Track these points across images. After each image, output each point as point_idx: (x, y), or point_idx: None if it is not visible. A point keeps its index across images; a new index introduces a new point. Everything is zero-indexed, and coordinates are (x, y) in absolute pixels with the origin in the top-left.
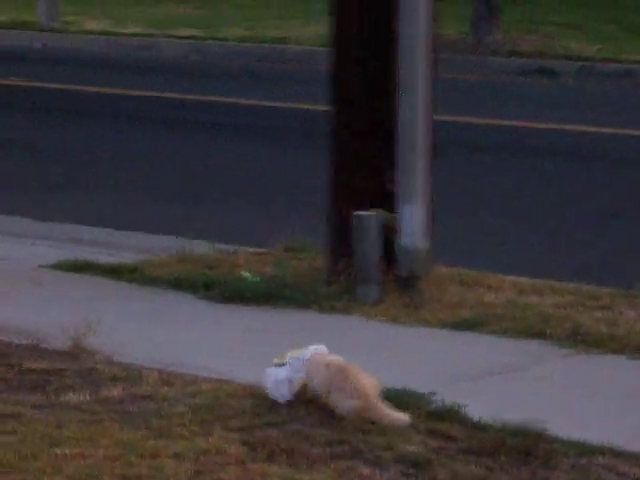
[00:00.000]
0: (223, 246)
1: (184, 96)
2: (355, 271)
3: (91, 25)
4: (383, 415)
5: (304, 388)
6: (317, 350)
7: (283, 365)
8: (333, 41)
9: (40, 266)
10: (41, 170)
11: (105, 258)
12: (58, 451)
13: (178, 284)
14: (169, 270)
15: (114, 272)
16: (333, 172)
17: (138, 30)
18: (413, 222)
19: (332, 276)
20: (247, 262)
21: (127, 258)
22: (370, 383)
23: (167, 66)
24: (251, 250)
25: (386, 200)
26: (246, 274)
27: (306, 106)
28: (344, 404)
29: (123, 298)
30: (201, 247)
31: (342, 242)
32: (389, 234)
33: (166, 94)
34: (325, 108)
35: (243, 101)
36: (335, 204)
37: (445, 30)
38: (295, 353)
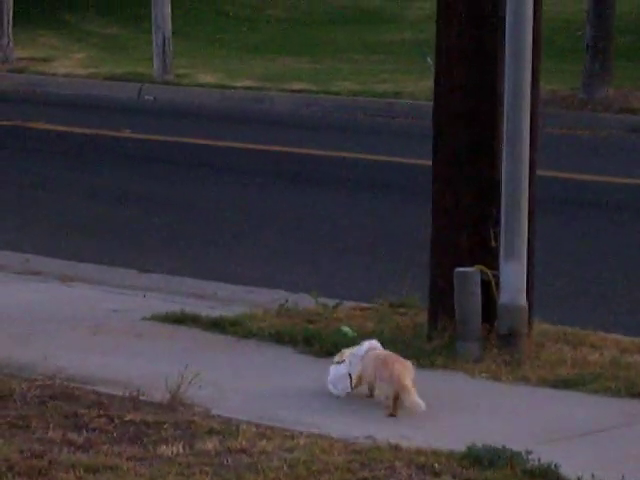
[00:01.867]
0: (326, 300)
1: (293, 149)
2: (456, 327)
3: (204, 78)
4: (408, 396)
5: (359, 380)
6: (371, 345)
7: (342, 362)
8: (437, 95)
9: (144, 318)
10: (153, 222)
11: (208, 311)
12: None
13: (278, 338)
14: (270, 323)
15: (216, 325)
16: (434, 229)
17: (251, 83)
18: (514, 279)
19: (433, 332)
20: (349, 316)
21: (231, 311)
22: (404, 370)
23: (278, 119)
24: (353, 304)
25: (488, 257)
26: (346, 329)
27: (415, 161)
28: (382, 390)
29: (223, 351)
30: (304, 300)
31: (444, 298)
32: (490, 291)
33: (275, 147)
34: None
35: (351, 155)
36: (437, 260)
37: (556, 86)
38: (353, 350)
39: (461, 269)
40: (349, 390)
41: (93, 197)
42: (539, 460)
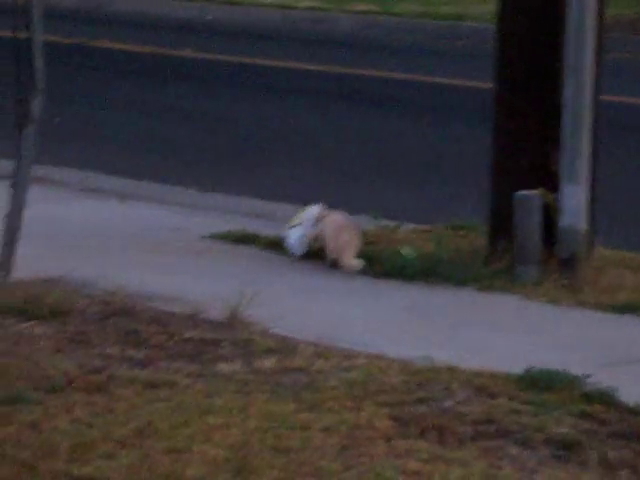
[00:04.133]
0: (386, 222)
1: (355, 70)
2: (515, 251)
3: None
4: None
5: (315, 239)
6: (320, 208)
7: (297, 225)
8: (499, 17)
9: (203, 237)
10: (214, 141)
11: (269, 231)
12: (209, 420)
13: None
14: None
15: (276, 245)
16: (495, 152)
17: (312, 4)
18: (575, 203)
19: (492, 255)
20: (408, 238)
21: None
22: (350, 238)
23: (340, 40)
24: (413, 227)
25: (548, 180)
26: (406, 250)
27: (477, 85)
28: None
29: (283, 271)
30: (364, 221)
31: (503, 221)
32: (550, 214)
33: (336, 69)
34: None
35: (414, 77)
36: (497, 183)
37: (621, 10)
38: (305, 214)
39: (521, 192)
40: (306, 250)
41: (154, 116)
42: (597, 384)
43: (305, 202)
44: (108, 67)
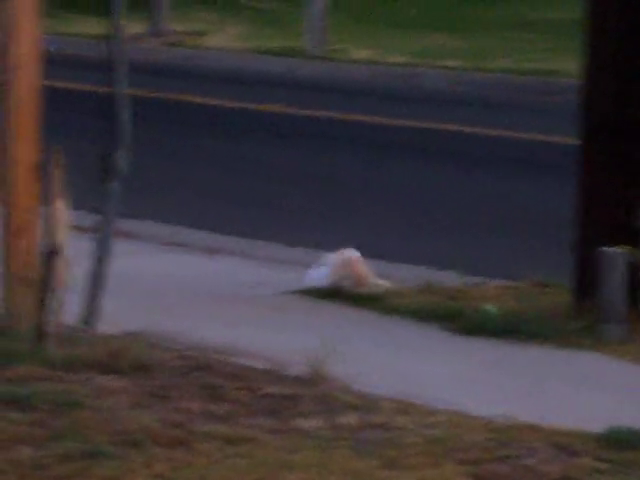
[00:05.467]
0: (471, 278)
1: (444, 126)
2: (600, 308)
3: (357, 54)
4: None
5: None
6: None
7: (322, 266)
8: (586, 74)
9: (287, 292)
10: (305, 197)
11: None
12: (288, 476)
13: (421, 314)
14: (413, 300)
15: (358, 301)
16: (579, 207)
17: (403, 60)
18: None
19: (576, 312)
20: (492, 295)
21: (373, 287)
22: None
23: (430, 96)
24: (497, 283)
25: (634, 237)
26: (489, 307)
27: (566, 139)
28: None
29: (365, 327)
30: (449, 278)
31: (588, 278)
32: (636, 271)
33: (426, 124)
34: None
35: (503, 133)
36: (582, 239)
37: None
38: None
39: (607, 249)
40: (324, 284)
41: (246, 171)
42: None
43: (387, 257)
44: (197, 122)
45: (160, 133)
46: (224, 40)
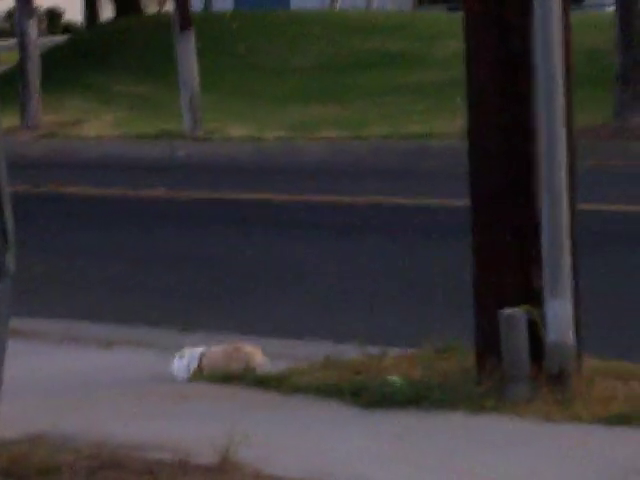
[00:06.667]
0: (372, 348)
1: (328, 198)
2: (504, 369)
3: (235, 131)
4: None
5: (200, 368)
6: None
7: (183, 357)
8: (470, 135)
9: (189, 379)
10: (191, 280)
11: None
12: None
13: (325, 392)
14: (315, 377)
15: (261, 383)
16: (476, 269)
17: (281, 134)
18: (560, 318)
19: (481, 375)
20: (395, 365)
21: (276, 366)
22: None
23: (311, 168)
24: (398, 352)
25: (532, 296)
26: (394, 378)
27: (451, 203)
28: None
29: (270, 409)
30: (350, 351)
31: (490, 340)
32: (537, 331)
33: (308, 197)
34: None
35: (387, 200)
36: (481, 302)
37: (589, 116)
38: (191, 350)
39: (506, 310)
40: (187, 378)
41: (128, 259)
42: None
43: (289, 334)
44: (81, 213)
45: (40, 228)
46: (100, 127)
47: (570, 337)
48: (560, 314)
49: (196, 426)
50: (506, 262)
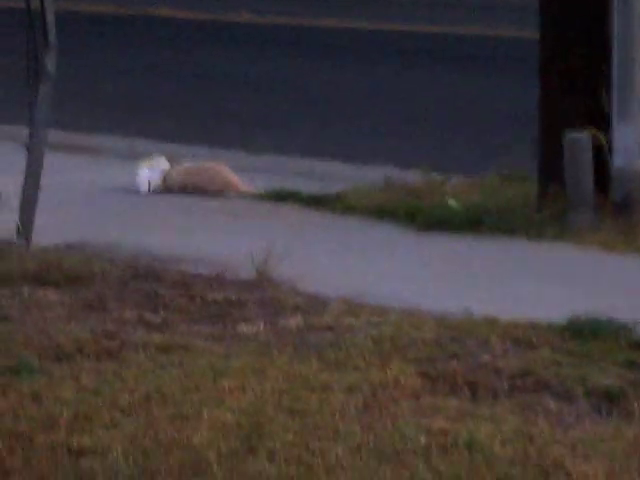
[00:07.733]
0: (435, 175)
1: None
2: (567, 195)
3: None
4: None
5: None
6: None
7: (148, 168)
8: None
9: (236, 196)
10: (261, 103)
11: (311, 188)
12: (222, 383)
13: (380, 212)
14: (373, 198)
15: (317, 201)
16: (542, 93)
17: None
18: (628, 142)
19: (543, 202)
20: (456, 190)
21: (337, 188)
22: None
23: None
24: (461, 178)
25: (600, 120)
26: (451, 201)
27: (521, 33)
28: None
29: (322, 227)
30: (414, 176)
31: (554, 165)
32: (603, 156)
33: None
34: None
35: (452, 30)
36: (546, 126)
37: None
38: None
39: (572, 133)
40: (147, 191)
41: (205, 80)
42: None
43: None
44: (158, 34)
45: (117, 47)
46: None
47: (638, 163)
48: (628, 138)
49: (243, 242)
50: (574, 84)
